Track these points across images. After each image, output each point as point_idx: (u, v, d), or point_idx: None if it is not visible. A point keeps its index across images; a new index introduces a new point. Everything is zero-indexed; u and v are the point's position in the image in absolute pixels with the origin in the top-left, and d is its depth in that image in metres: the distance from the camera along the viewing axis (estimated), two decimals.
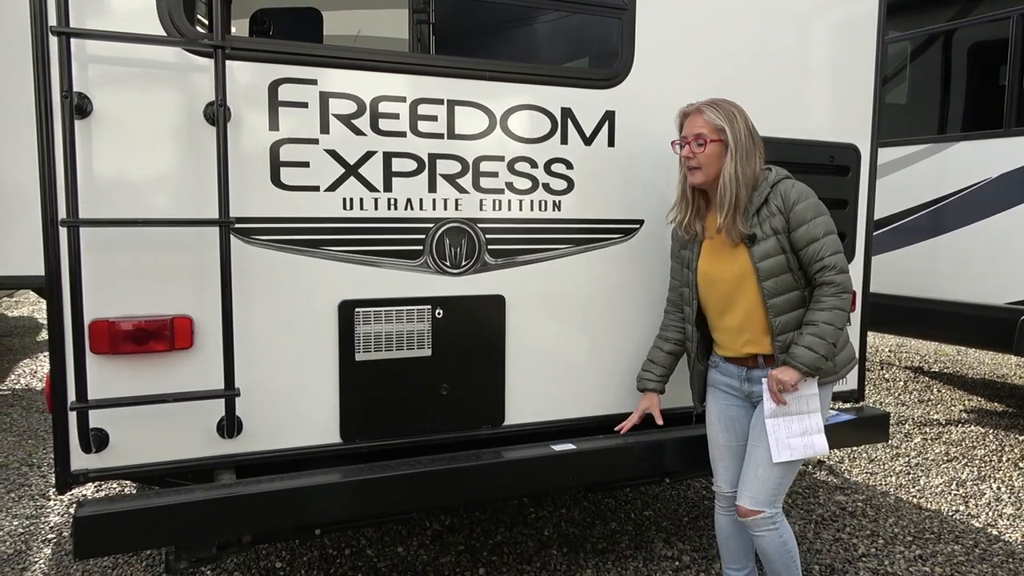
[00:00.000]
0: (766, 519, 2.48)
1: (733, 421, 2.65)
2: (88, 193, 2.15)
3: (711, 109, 2.46)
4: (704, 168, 2.45)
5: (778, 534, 2.50)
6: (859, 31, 3.30)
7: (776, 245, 2.41)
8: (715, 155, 2.44)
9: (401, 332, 2.58)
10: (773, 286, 2.43)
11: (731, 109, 2.46)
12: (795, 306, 2.46)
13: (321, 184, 2.45)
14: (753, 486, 2.49)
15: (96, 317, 2.21)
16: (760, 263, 2.43)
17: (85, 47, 2.16)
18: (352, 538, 3.52)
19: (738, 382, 2.61)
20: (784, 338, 2.45)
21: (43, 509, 3.87)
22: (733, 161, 2.41)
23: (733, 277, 2.49)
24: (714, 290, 2.56)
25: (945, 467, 4.66)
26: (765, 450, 2.47)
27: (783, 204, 2.41)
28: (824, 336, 2.36)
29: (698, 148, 2.44)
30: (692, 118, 2.50)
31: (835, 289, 2.37)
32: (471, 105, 2.62)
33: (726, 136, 2.43)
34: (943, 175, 5.33)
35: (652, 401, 2.80)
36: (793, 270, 2.43)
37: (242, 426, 2.40)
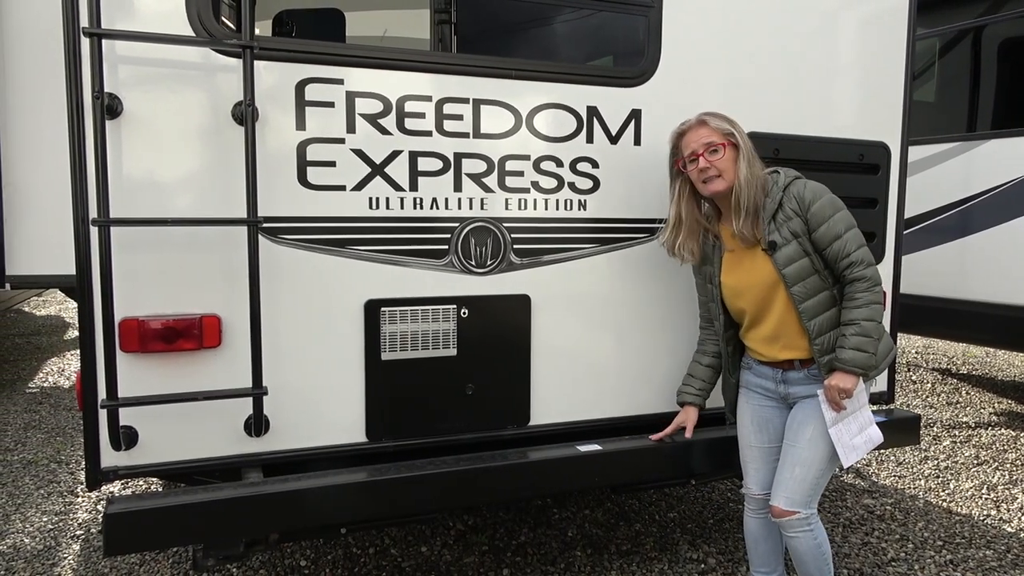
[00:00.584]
0: (801, 520, 2.45)
1: (766, 422, 2.62)
2: (118, 193, 2.17)
3: (711, 117, 2.45)
4: (724, 174, 2.42)
5: (812, 535, 2.47)
6: (889, 27, 3.25)
7: (798, 249, 2.39)
8: (731, 159, 2.42)
9: (427, 332, 2.58)
10: (802, 290, 2.41)
11: (725, 115, 2.48)
12: (827, 307, 2.43)
13: (347, 183, 2.45)
14: (789, 486, 2.46)
15: (126, 316, 2.23)
16: (785, 269, 2.40)
17: (116, 48, 2.18)
18: (376, 537, 3.52)
19: (773, 384, 2.59)
20: (822, 340, 2.43)
21: (71, 506, 3.92)
22: (745, 162, 2.41)
23: (760, 286, 2.47)
24: (742, 301, 2.54)
25: (975, 471, 4.58)
26: (803, 449, 2.45)
27: (798, 206, 2.39)
28: (868, 333, 2.33)
29: (713, 156, 2.41)
30: (694, 132, 2.47)
31: (867, 284, 2.35)
32: (496, 104, 2.61)
33: (736, 138, 2.43)
34: (973, 173, 5.24)
35: (689, 415, 2.78)
36: (819, 271, 2.41)
37: (269, 425, 2.41)
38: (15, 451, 4.73)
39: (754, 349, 2.60)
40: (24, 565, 3.28)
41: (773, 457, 2.61)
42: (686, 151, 2.49)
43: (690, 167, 2.48)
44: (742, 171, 2.40)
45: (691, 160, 2.47)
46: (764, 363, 2.59)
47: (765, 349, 2.55)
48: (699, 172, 2.45)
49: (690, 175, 2.50)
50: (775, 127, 3.02)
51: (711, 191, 2.46)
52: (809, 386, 2.51)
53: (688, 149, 2.48)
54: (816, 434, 2.45)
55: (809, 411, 2.49)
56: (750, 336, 2.60)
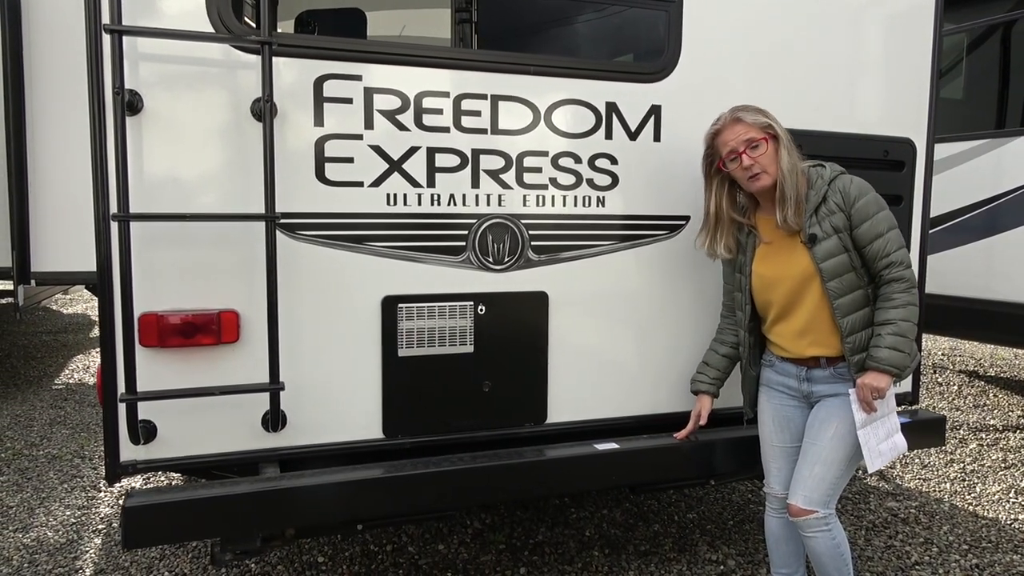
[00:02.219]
0: (819, 519, 2.41)
1: (788, 421, 2.59)
2: (138, 188, 2.19)
3: (747, 113, 2.41)
4: (768, 169, 2.38)
5: (831, 535, 2.43)
6: (915, 22, 3.19)
7: (838, 244, 2.36)
8: (773, 153, 2.38)
9: (444, 328, 2.57)
10: (838, 286, 2.37)
11: (757, 106, 2.44)
12: (860, 305, 2.40)
13: (365, 180, 2.45)
14: (808, 484, 2.42)
15: (145, 310, 2.24)
16: (823, 263, 2.37)
17: (137, 45, 2.20)
18: (394, 534, 3.52)
19: (796, 382, 2.55)
20: (853, 339, 2.39)
21: (94, 500, 3.96)
22: (786, 151, 2.38)
23: (795, 278, 2.43)
24: (773, 293, 2.50)
25: (1003, 474, 4.49)
26: (824, 448, 2.41)
27: (843, 201, 2.36)
28: (906, 334, 2.30)
29: (755, 152, 2.37)
30: (730, 130, 2.41)
31: (905, 285, 2.32)
32: (514, 100, 2.60)
33: (775, 131, 2.39)
34: (1001, 171, 5.14)
35: (704, 404, 2.74)
36: (856, 268, 2.38)
37: (286, 420, 2.42)
38: (40, 446, 4.80)
39: (779, 344, 2.56)
40: (47, 558, 3.32)
41: (795, 456, 2.56)
42: (724, 150, 2.43)
43: (731, 166, 2.42)
44: (784, 161, 2.36)
45: (732, 159, 2.41)
46: (788, 360, 2.55)
47: (791, 344, 2.51)
48: (744, 171, 2.39)
49: (733, 174, 2.45)
50: (798, 123, 2.96)
51: (758, 188, 2.41)
52: (833, 385, 2.47)
53: (727, 148, 2.42)
54: (839, 433, 2.41)
55: (832, 409, 2.45)
56: (776, 330, 2.55)
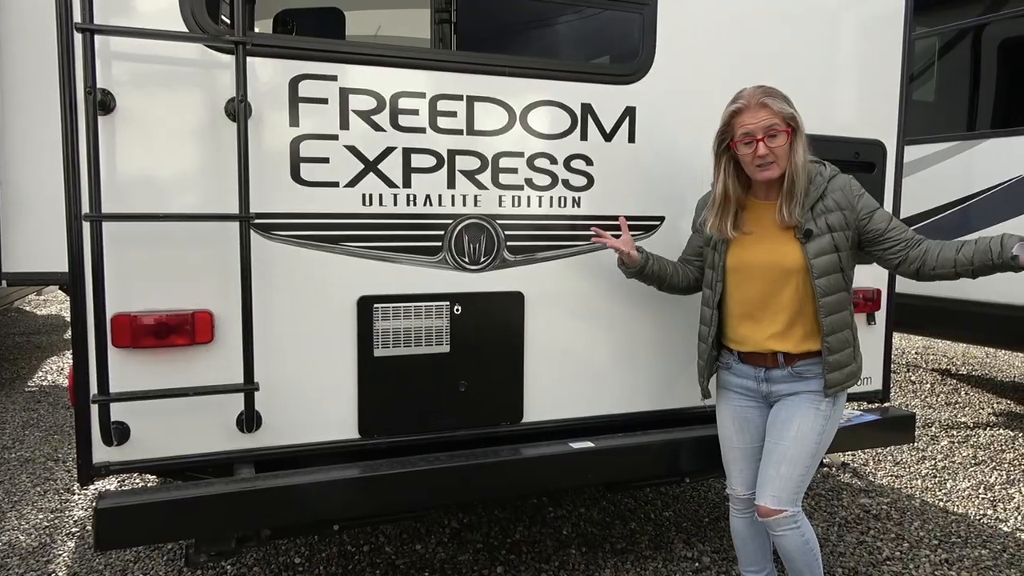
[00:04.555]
0: (788, 518, 2.42)
1: (747, 423, 2.58)
2: (111, 188, 2.18)
3: (773, 98, 2.31)
4: (779, 161, 2.31)
5: (799, 533, 2.44)
6: (885, 26, 3.25)
7: (830, 243, 2.35)
8: (789, 146, 2.31)
9: (419, 328, 2.58)
10: (826, 284, 2.36)
11: (784, 94, 2.35)
12: (842, 307, 2.40)
13: (340, 180, 2.45)
14: (775, 484, 2.43)
15: (118, 311, 2.23)
16: (815, 259, 2.35)
17: (109, 44, 2.18)
18: (371, 535, 3.52)
19: (755, 383, 2.54)
20: (832, 339, 2.38)
21: (67, 503, 3.92)
22: (802, 146, 2.32)
23: (777, 270, 2.40)
24: (747, 279, 2.46)
25: (973, 471, 4.57)
26: (788, 447, 2.42)
27: (844, 199, 2.34)
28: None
29: (773, 141, 2.29)
30: (752, 113, 2.31)
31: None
32: (490, 101, 2.61)
33: (797, 123, 2.32)
34: (972, 173, 5.23)
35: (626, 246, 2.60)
36: (843, 270, 2.38)
37: (261, 421, 2.41)
38: (13, 449, 4.74)
39: (741, 335, 2.51)
40: (19, 562, 3.28)
41: (757, 457, 2.58)
42: (740, 130, 2.33)
43: (743, 149, 2.34)
44: (799, 155, 2.31)
45: (746, 143, 2.32)
46: (745, 361, 2.53)
47: (753, 333, 2.47)
48: (755, 157, 2.32)
49: (741, 156, 2.37)
50: None
51: (765, 178, 2.35)
52: (792, 384, 2.47)
53: (743, 129, 2.32)
54: (802, 431, 2.42)
55: (794, 408, 2.46)
56: (741, 315, 2.50)
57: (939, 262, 2.31)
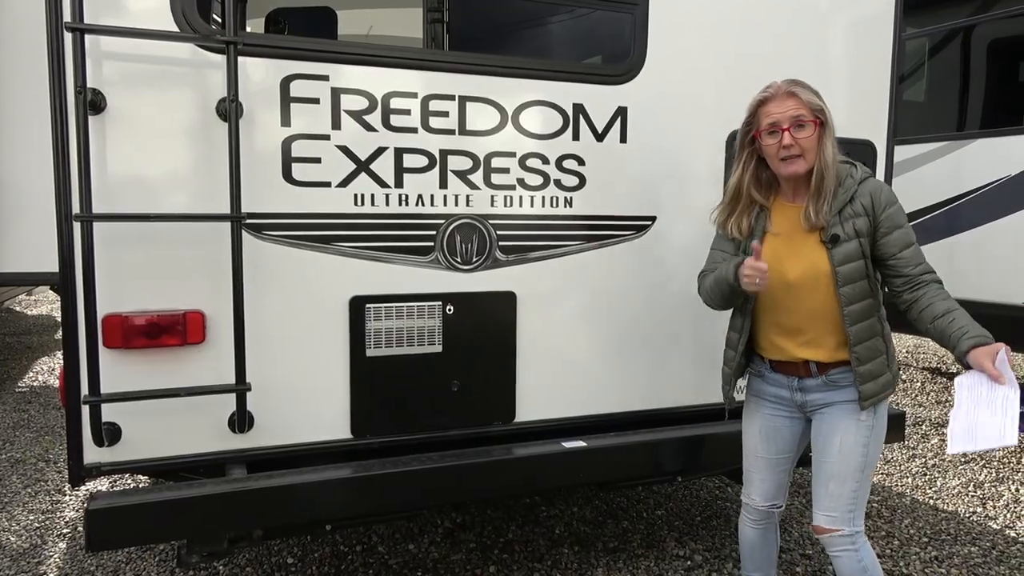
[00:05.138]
0: (845, 537, 2.28)
1: (776, 432, 2.46)
2: (101, 188, 2.17)
3: (802, 88, 2.22)
4: (807, 155, 2.20)
5: (857, 556, 2.28)
6: (875, 27, 3.26)
7: (857, 249, 2.22)
8: (817, 139, 2.19)
9: (412, 328, 2.58)
10: (851, 292, 2.24)
11: (813, 87, 2.26)
12: (868, 315, 2.27)
13: (332, 180, 2.45)
14: (826, 503, 2.30)
15: (109, 312, 2.22)
16: (840, 267, 2.22)
17: (99, 43, 2.18)
18: (363, 535, 3.52)
19: (789, 392, 2.40)
20: (860, 349, 2.25)
21: (59, 504, 3.91)
22: (831, 141, 2.22)
23: (803, 275, 2.28)
24: (775, 286, 2.30)
25: (962, 468, 4.60)
26: (834, 463, 2.29)
27: (871, 205, 2.21)
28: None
29: (800, 133, 2.18)
30: (779, 102, 2.21)
31: (943, 289, 2.23)
32: (482, 101, 2.62)
33: (825, 116, 2.21)
34: (962, 173, 5.27)
35: None
36: (869, 276, 2.26)
37: (253, 421, 2.41)
38: (3, 450, 4.71)
39: (771, 342, 2.39)
40: (10, 563, 3.27)
41: (780, 468, 2.48)
42: (765, 121, 2.23)
43: (767, 140, 2.23)
44: (828, 151, 2.20)
45: (771, 133, 2.22)
46: (778, 369, 2.40)
47: (784, 342, 2.35)
48: (780, 148, 2.20)
49: (765, 149, 2.26)
50: None
51: (790, 172, 2.23)
52: (827, 394, 2.33)
53: (769, 119, 2.22)
54: (845, 445, 2.28)
55: (834, 422, 2.32)
56: (772, 323, 2.38)
57: (920, 317, 2.23)
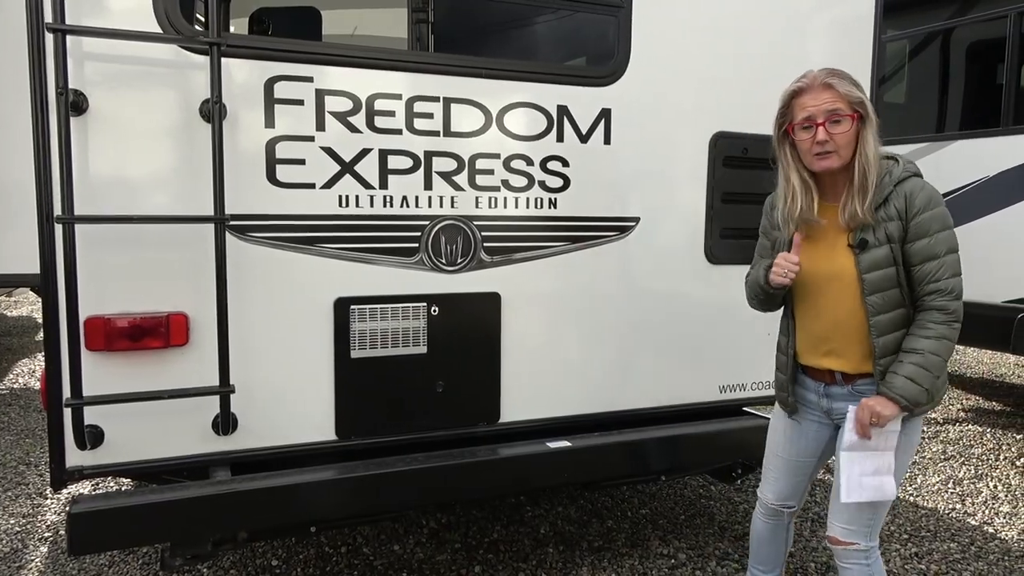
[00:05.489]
0: (860, 552, 2.21)
1: (800, 436, 2.39)
2: (84, 190, 2.16)
3: (840, 80, 2.08)
4: (841, 151, 2.07)
5: (868, 572, 2.21)
6: (856, 29, 3.30)
7: (888, 256, 2.07)
8: (854, 135, 2.06)
9: (397, 329, 2.58)
10: (879, 302, 2.10)
11: (853, 78, 2.11)
12: (899, 326, 2.13)
13: (317, 181, 2.45)
14: (843, 516, 2.21)
15: (92, 314, 2.21)
16: (867, 274, 2.09)
17: (81, 44, 2.16)
18: (348, 536, 3.52)
19: (816, 397, 2.31)
20: (885, 362, 2.12)
21: (40, 508, 3.87)
22: (873, 136, 2.07)
23: (830, 279, 2.18)
24: (804, 288, 2.25)
25: (942, 465, 4.66)
26: None
27: (905, 208, 2.05)
28: (929, 368, 2.03)
29: (835, 127, 2.05)
30: (813, 94, 2.08)
31: (946, 317, 2.03)
32: (467, 103, 2.62)
33: (865, 109, 2.07)
34: (941, 173, 5.33)
35: None
36: (902, 285, 2.10)
37: (237, 423, 2.40)
38: None
39: (802, 347, 2.31)
40: None
41: (799, 471, 2.43)
42: (800, 114, 2.11)
43: (801, 135, 2.11)
44: (870, 147, 2.06)
45: (805, 127, 2.10)
46: (807, 373, 2.33)
47: (809, 350, 2.28)
48: (814, 143, 2.08)
49: (799, 143, 2.14)
50: (744, 127, 3.06)
51: (823, 168, 2.10)
52: (854, 404, 2.18)
53: (804, 113, 2.09)
54: None
55: None
56: (801, 328, 2.30)
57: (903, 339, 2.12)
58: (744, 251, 3.10)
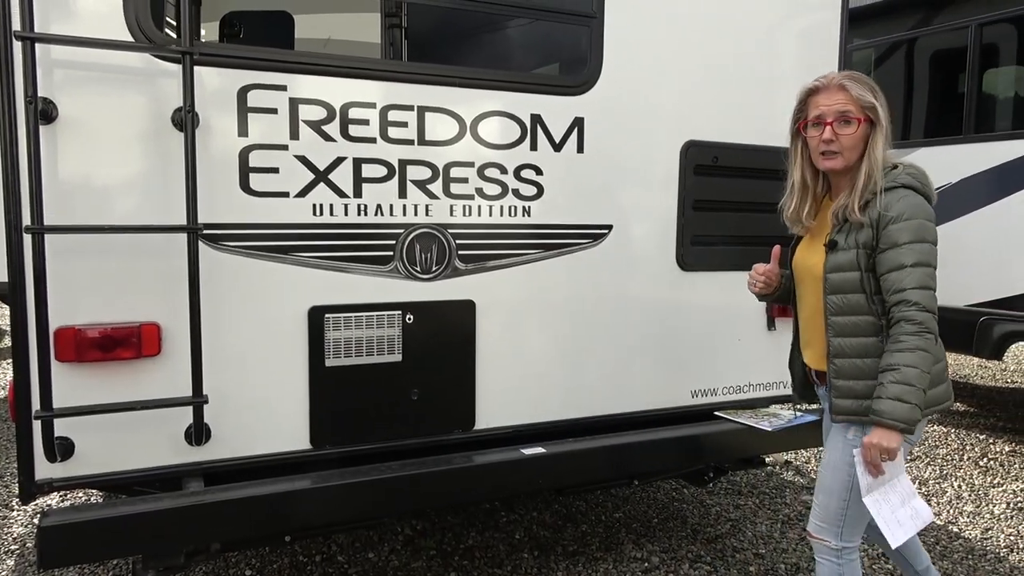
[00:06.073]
0: (831, 550, 2.25)
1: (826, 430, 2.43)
2: (53, 199, 2.13)
3: (855, 83, 2.13)
4: (845, 153, 2.12)
5: (839, 571, 2.25)
6: (822, 39, 3.37)
7: (852, 261, 2.12)
8: (861, 137, 2.12)
9: (371, 337, 2.58)
10: (839, 303, 2.15)
11: (871, 83, 2.16)
12: (862, 333, 2.14)
13: (291, 190, 2.45)
14: (817, 512, 2.29)
15: (61, 324, 2.18)
16: (830, 274, 2.16)
17: (50, 52, 2.14)
18: (323, 544, 3.50)
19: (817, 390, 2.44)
20: (840, 363, 2.17)
21: (6, 520, 3.80)
22: (884, 141, 2.12)
23: (807, 272, 2.28)
24: (797, 282, 2.36)
25: (908, 466, 4.76)
26: (824, 476, 2.27)
27: (879, 217, 2.08)
28: (911, 381, 2.00)
29: (843, 128, 2.11)
30: (828, 94, 2.14)
31: (915, 328, 2.02)
32: (441, 111, 2.64)
33: (877, 115, 2.12)
34: None
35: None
36: (868, 292, 2.12)
37: (210, 433, 2.38)
38: None
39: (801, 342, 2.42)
40: None
41: None
42: (813, 112, 2.17)
43: (811, 131, 2.18)
44: (877, 152, 2.10)
45: (815, 125, 2.17)
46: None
47: (802, 344, 2.40)
48: (820, 142, 2.15)
49: (808, 140, 2.21)
50: (715, 135, 3.11)
51: (826, 167, 2.18)
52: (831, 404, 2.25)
53: (816, 111, 2.16)
54: (831, 461, 2.25)
55: (833, 434, 2.28)
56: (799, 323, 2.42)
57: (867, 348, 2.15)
58: (715, 257, 3.16)
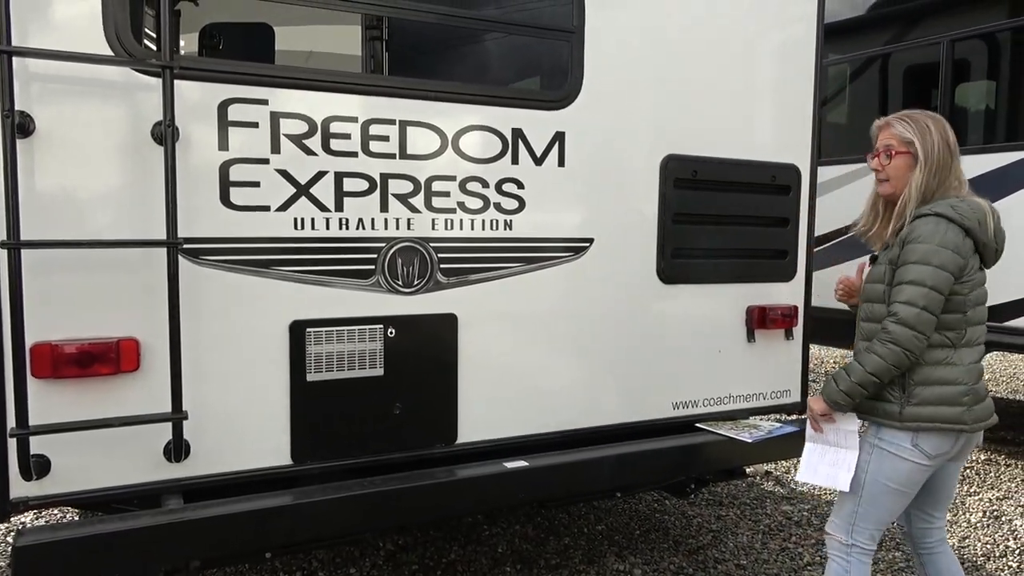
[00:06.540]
0: (841, 545, 2.45)
1: None
2: (31, 213, 2.10)
3: (900, 122, 2.44)
4: (892, 180, 2.44)
5: (846, 567, 2.43)
6: (798, 55, 3.43)
7: (881, 274, 2.41)
8: (904, 167, 2.41)
9: (353, 352, 2.58)
10: (867, 311, 2.44)
11: (925, 121, 2.41)
12: None
13: (272, 204, 2.44)
14: (836, 509, 2.51)
15: (38, 340, 2.15)
16: (866, 284, 2.48)
17: (28, 65, 2.12)
18: (304, 560, 3.47)
19: None
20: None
21: None
22: (923, 173, 2.36)
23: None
24: None
25: None
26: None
27: (904, 238, 2.35)
28: (851, 373, 2.34)
29: (885, 161, 2.45)
30: (884, 130, 2.49)
31: (886, 336, 2.27)
32: (423, 125, 2.64)
33: (915, 148, 2.39)
34: None
35: None
36: (887, 304, 2.36)
37: (190, 449, 2.36)
38: None
39: None
40: None
41: None
42: (874, 144, 2.53)
43: (870, 161, 2.52)
44: (914, 181, 2.37)
45: (872, 156, 2.51)
46: None
47: None
48: (873, 170, 2.52)
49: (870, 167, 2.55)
50: (694, 150, 3.15)
51: (880, 191, 2.51)
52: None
53: (875, 144, 2.52)
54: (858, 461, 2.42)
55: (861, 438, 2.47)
56: None
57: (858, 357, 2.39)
58: (695, 270, 3.19)
